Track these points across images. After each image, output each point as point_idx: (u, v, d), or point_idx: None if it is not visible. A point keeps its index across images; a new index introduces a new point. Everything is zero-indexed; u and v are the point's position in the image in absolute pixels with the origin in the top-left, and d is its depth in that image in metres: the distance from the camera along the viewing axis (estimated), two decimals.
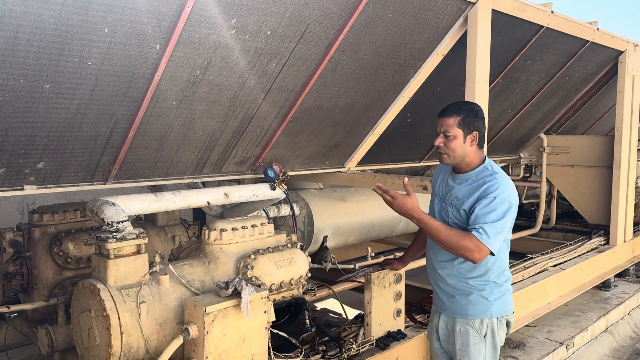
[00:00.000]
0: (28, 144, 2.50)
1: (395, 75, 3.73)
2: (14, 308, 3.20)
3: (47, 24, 2.12)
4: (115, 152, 2.82)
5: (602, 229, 6.23)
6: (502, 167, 6.87)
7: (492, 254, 2.43)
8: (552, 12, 4.31)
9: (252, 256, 2.77)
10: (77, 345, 2.56)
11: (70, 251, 3.31)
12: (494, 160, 6.65)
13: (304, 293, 3.24)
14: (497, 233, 2.40)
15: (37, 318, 3.39)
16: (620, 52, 5.63)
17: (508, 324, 2.68)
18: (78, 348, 2.56)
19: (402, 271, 3.35)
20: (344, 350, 3.04)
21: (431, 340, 2.82)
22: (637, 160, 6.48)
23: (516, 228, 6.82)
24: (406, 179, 2.55)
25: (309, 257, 3.11)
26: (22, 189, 2.65)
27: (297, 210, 4.47)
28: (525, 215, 7.41)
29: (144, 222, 3.93)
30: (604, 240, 6.05)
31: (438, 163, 2.73)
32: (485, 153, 3.83)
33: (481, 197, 2.46)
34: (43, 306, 3.20)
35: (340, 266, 4.20)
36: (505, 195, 2.44)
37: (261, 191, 3.51)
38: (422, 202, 2.64)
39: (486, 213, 2.42)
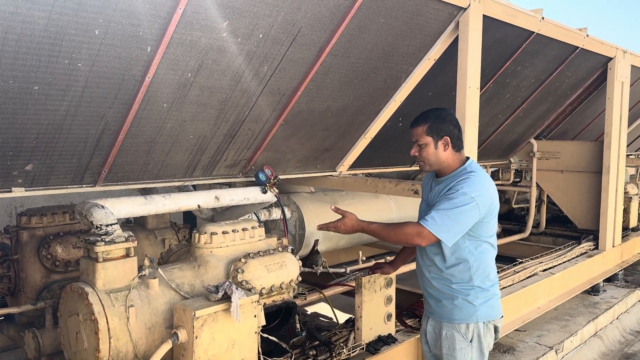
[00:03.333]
0: (16, 146, 2.48)
1: (387, 80, 3.73)
2: (0, 311, 3.16)
3: (37, 24, 2.11)
4: (105, 154, 2.80)
5: (592, 234, 6.28)
6: (492, 172, 6.97)
7: (443, 242, 2.47)
8: (543, 18, 4.34)
9: (243, 260, 2.75)
10: (64, 349, 2.54)
11: (59, 254, 3.27)
12: (483, 165, 6.65)
13: (295, 297, 3.23)
14: (448, 222, 2.42)
15: (24, 322, 3.35)
16: (610, 59, 5.68)
17: (496, 328, 2.69)
18: (65, 352, 2.53)
19: (393, 275, 3.35)
20: (334, 354, 3.03)
21: (422, 344, 2.84)
22: (626, 166, 6.54)
23: (506, 232, 6.87)
24: (332, 206, 2.74)
25: (299, 261, 3.10)
26: (10, 191, 2.62)
27: (288, 214, 4.46)
28: (515, 220, 7.45)
29: (133, 225, 3.90)
30: (593, 245, 6.09)
31: None
32: (475, 156, 3.89)
33: (449, 190, 2.51)
34: (30, 310, 3.15)
35: (331, 270, 4.19)
36: (469, 190, 2.45)
37: (252, 194, 3.49)
38: (414, 205, 2.66)
39: (442, 203, 2.47)
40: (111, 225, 2.56)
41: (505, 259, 5.81)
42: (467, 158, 2.67)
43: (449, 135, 2.57)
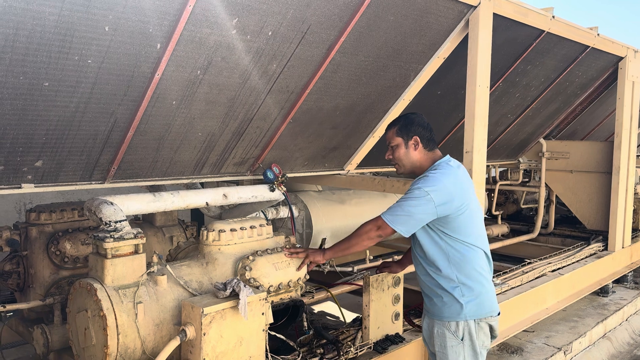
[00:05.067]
0: (26, 142, 2.49)
1: (396, 78, 3.72)
2: (9, 307, 3.17)
3: (48, 21, 2.11)
4: (114, 151, 2.81)
5: (601, 234, 6.23)
6: (500, 172, 6.94)
7: (400, 234, 2.58)
8: (553, 16, 4.31)
9: (251, 257, 2.75)
10: (73, 345, 2.54)
11: (67, 250, 3.29)
12: (492, 164, 6.58)
13: (302, 295, 3.23)
14: (402, 214, 2.53)
15: (33, 317, 3.37)
16: (621, 58, 5.63)
17: (491, 327, 2.67)
18: (74, 348, 2.54)
19: (401, 274, 3.34)
20: (341, 353, 3.02)
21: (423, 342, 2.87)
22: (636, 167, 6.49)
23: (514, 233, 6.83)
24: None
25: None
26: (20, 187, 2.63)
27: (295, 212, 4.46)
28: (524, 220, 7.41)
29: (141, 222, 3.92)
30: (603, 246, 6.04)
31: None
32: (484, 155, 3.87)
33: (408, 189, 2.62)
34: (39, 305, 3.17)
35: (339, 269, 4.19)
36: (423, 185, 2.54)
37: (260, 192, 3.49)
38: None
39: (400, 198, 2.59)
40: (120, 222, 2.57)
41: (513, 260, 5.78)
42: (440, 156, 2.73)
43: (418, 136, 2.68)
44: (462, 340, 2.59)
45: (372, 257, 4.35)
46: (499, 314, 2.69)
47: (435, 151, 2.72)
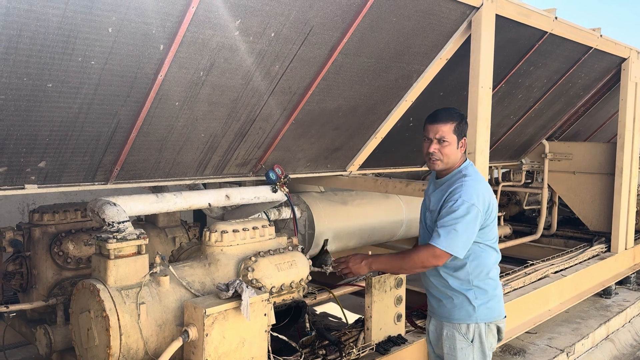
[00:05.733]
0: (30, 143, 2.49)
1: (399, 79, 3.72)
2: (12, 308, 3.18)
3: (51, 22, 2.12)
4: (117, 152, 2.81)
5: (604, 236, 6.22)
6: (503, 173, 6.93)
7: (459, 258, 2.51)
8: (556, 18, 4.31)
9: (253, 258, 2.75)
10: (75, 345, 2.55)
11: (70, 251, 3.30)
12: (494, 166, 6.58)
13: (304, 296, 3.22)
14: (456, 236, 2.46)
15: (35, 318, 3.37)
16: (624, 59, 5.63)
17: (499, 329, 2.68)
18: (77, 348, 2.54)
19: (403, 275, 3.33)
20: (344, 354, 3.02)
21: (427, 344, 2.86)
22: (639, 168, 6.48)
23: (517, 234, 6.82)
24: (336, 269, 2.90)
25: (309, 260, 3.09)
26: (23, 188, 2.64)
27: (298, 213, 4.45)
28: (526, 222, 7.40)
29: (144, 223, 3.92)
30: (605, 248, 6.03)
31: None
32: (487, 157, 3.86)
33: (446, 201, 2.54)
34: (42, 306, 3.18)
35: None
36: (467, 197, 2.49)
37: (262, 193, 3.49)
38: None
39: (445, 217, 2.50)
40: (123, 222, 2.57)
41: (516, 261, 5.78)
42: (466, 159, 2.72)
43: (466, 138, 2.68)
44: (472, 342, 2.59)
45: None
46: (505, 316, 2.70)
47: (465, 154, 2.74)
